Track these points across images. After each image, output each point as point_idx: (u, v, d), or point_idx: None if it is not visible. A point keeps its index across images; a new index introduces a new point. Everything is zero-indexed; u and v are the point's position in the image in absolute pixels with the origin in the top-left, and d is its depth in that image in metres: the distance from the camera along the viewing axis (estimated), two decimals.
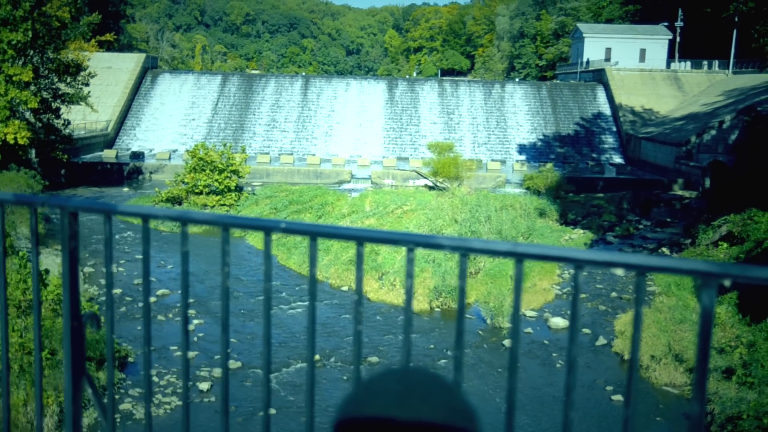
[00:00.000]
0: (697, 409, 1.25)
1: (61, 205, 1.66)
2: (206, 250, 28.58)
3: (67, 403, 1.71)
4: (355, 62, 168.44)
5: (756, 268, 1.17)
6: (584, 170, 51.69)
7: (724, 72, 61.64)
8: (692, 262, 1.22)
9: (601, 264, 1.26)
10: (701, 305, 1.22)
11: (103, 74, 56.60)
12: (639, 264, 1.25)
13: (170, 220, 1.56)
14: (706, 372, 1.23)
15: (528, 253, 1.30)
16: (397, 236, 1.42)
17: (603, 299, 25.78)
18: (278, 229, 1.47)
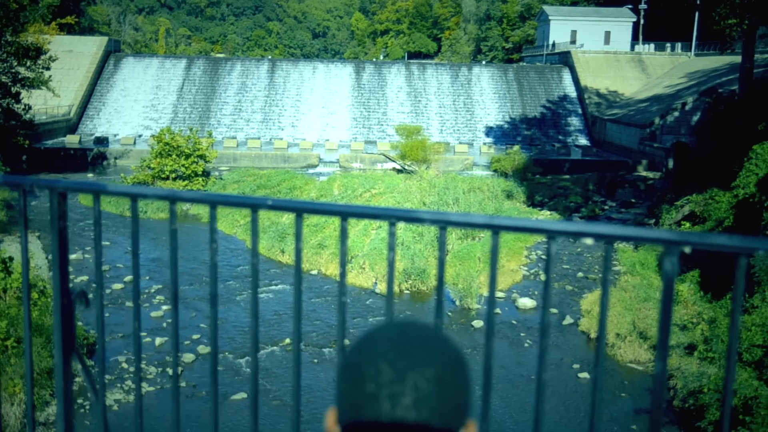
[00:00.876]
0: (660, 367, 1.34)
1: (50, 186, 1.70)
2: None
3: (58, 378, 1.76)
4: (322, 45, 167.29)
5: (713, 235, 1.27)
6: (551, 152, 52.21)
7: (687, 54, 62.56)
8: (656, 231, 1.31)
9: (572, 234, 1.34)
10: (664, 271, 1.31)
11: (65, 58, 55.51)
12: (607, 233, 1.34)
13: (158, 199, 1.61)
14: (668, 332, 1.33)
15: (504, 225, 1.38)
16: (379, 211, 1.49)
17: (570, 279, 26.20)
18: (265, 206, 1.54)
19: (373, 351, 0.95)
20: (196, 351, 18.87)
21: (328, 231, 28.94)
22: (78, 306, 1.79)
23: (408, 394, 0.92)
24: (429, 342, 0.95)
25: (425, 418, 0.92)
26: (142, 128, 56.38)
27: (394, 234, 1.48)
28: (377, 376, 0.93)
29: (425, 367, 0.94)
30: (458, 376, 0.95)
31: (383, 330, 0.96)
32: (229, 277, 25.00)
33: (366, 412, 0.93)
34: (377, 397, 0.92)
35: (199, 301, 22.42)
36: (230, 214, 32.65)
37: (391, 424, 0.92)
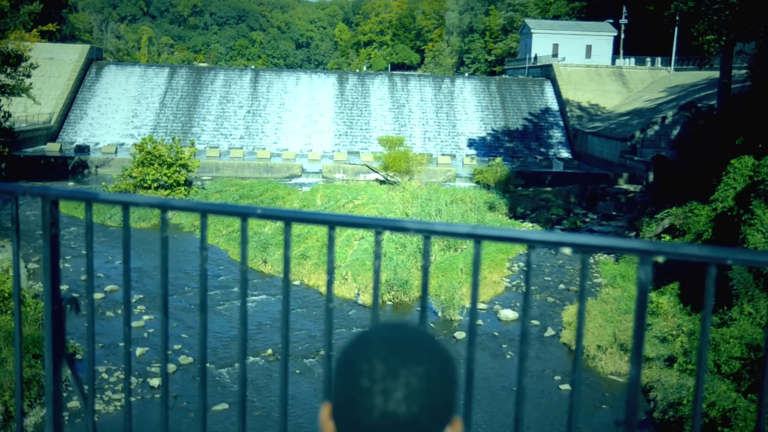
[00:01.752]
0: (635, 372, 1.40)
1: (42, 194, 1.74)
2: (154, 245, 28.23)
3: (48, 383, 1.79)
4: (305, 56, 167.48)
5: (685, 246, 1.33)
6: (533, 164, 52.57)
7: (667, 69, 63.35)
8: (630, 242, 1.37)
9: (551, 244, 1.40)
10: (638, 279, 1.37)
11: (46, 65, 55.17)
12: (584, 243, 1.39)
13: (150, 207, 1.65)
14: (642, 339, 1.39)
15: (486, 234, 1.44)
16: (365, 220, 1.54)
17: (551, 291, 26.34)
18: (255, 215, 1.58)
19: (367, 349, 1.00)
20: (178, 361, 18.75)
21: (311, 241, 28.94)
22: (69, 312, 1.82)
23: (399, 390, 0.97)
24: (420, 342, 1.00)
25: (415, 412, 0.97)
26: (123, 137, 56.09)
27: (380, 243, 1.53)
28: (371, 372, 0.98)
29: (416, 365, 0.99)
30: (447, 374, 1.01)
31: (377, 329, 1.02)
32: (212, 286, 24.88)
33: (359, 406, 0.98)
34: (370, 392, 0.98)
35: (181, 311, 22.29)
36: (212, 223, 32.54)
37: (382, 417, 0.97)
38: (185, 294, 23.86)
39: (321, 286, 25.28)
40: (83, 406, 1.89)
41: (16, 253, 1.83)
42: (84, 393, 1.86)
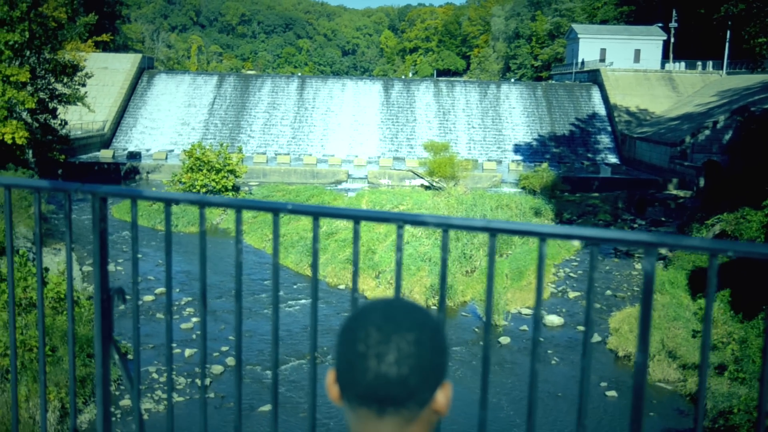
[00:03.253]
0: (641, 358, 1.47)
1: (92, 191, 1.88)
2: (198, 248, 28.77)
3: (98, 366, 1.93)
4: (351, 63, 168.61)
5: (686, 238, 1.40)
6: (579, 170, 51.99)
7: (718, 72, 62.02)
8: (636, 234, 1.44)
9: (561, 237, 1.48)
10: (643, 269, 1.44)
11: (100, 75, 56.74)
12: (592, 236, 1.47)
13: (190, 203, 1.78)
14: (648, 326, 1.46)
15: (499, 228, 1.53)
16: (388, 215, 1.64)
17: (598, 297, 26.04)
18: (285, 210, 1.70)
19: (364, 318, 1.12)
20: (225, 363, 19.09)
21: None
22: (116, 302, 1.96)
23: (391, 354, 1.08)
24: (412, 313, 1.11)
25: (405, 374, 1.08)
26: (173, 143, 57.31)
27: (402, 236, 1.62)
28: (367, 338, 1.10)
29: (407, 332, 1.10)
30: (435, 341, 1.11)
31: (375, 303, 1.13)
32: (258, 290, 25.28)
33: (356, 368, 1.10)
34: (366, 356, 1.09)
35: (228, 314, 22.69)
36: (259, 228, 33.04)
37: (376, 378, 1.08)
38: (233, 297, 24.27)
39: (366, 290, 25.44)
40: (129, 390, 2.02)
41: (69, 248, 1.98)
42: (130, 376, 2.00)
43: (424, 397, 1.11)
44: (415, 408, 1.11)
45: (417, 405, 1.11)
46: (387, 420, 1.10)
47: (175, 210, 36.11)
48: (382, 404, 1.10)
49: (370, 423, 1.11)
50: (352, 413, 1.14)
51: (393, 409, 1.10)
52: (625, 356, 20.48)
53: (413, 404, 1.10)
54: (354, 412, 1.13)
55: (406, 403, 1.10)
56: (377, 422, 1.10)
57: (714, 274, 1.41)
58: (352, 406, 1.13)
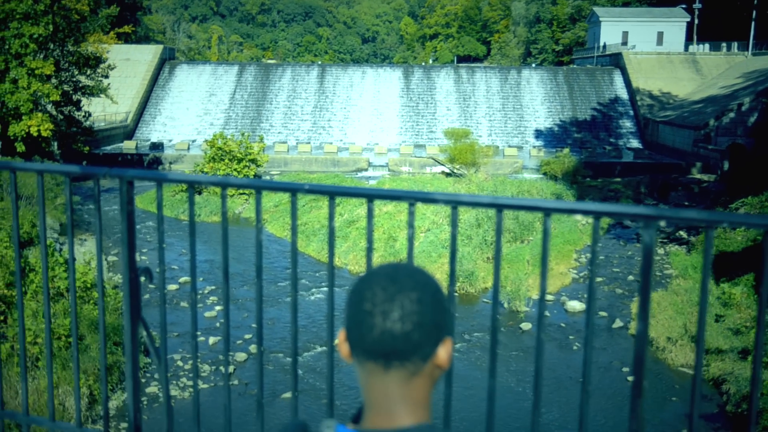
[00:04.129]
0: (642, 327, 1.55)
1: (119, 175, 1.98)
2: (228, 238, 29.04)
3: (127, 342, 2.04)
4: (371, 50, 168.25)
5: (684, 210, 1.47)
6: (601, 155, 51.62)
7: (743, 54, 61.08)
8: (635, 207, 1.51)
9: (564, 211, 1.55)
10: (643, 242, 1.51)
11: (122, 66, 57.22)
12: (594, 210, 1.54)
13: (212, 185, 1.87)
14: (648, 297, 1.53)
15: (506, 204, 1.60)
16: (400, 193, 1.73)
17: (620, 282, 25.94)
18: (303, 190, 1.78)
19: (371, 280, 1.22)
20: (248, 350, 19.34)
21: (376, 234, 29.24)
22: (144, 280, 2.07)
23: (396, 311, 1.18)
24: (415, 275, 1.21)
25: (408, 330, 1.18)
26: (195, 134, 57.72)
27: (413, 213, 1.71)
28: (373, 297, 1.20)
29: (410, 292, 1.20)
30: (436, 300, 1.21)
31: (381, 267, 1.24)
32: (281, 278, 25.49)
33: (364, 325, 1.20)
34: (372, 314, 1.19)
35: (251, 302, 22.94)
36: (281, 216, 33.26)
37: (382, 334, 1.18)
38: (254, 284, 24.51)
39: None
40: (157, 365, 2.12)
41: (99, 231, 2.08)
42: (158, 353, 2.11)
43: (427, 352, 1.21)
44: (418, 362, 1.21)
45: (420, 359, 1.21)
46: (393, 373, 1.20)
47: (198, 200, 36.45)
48: (388, 358, 1.19)
49: (378, 376, 1.21)
50: (361, 368, 1.24)
51: (398, 363, 1.20)
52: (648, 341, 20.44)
53: (417, 358, 1.20)
54: (363, 367, 1.23)
55: (410, 356, 1.19)
56: (384, 375, 1.20)
57: (710, 245, 1.47)
58: (360, 361, 1.23)
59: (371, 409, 1.22)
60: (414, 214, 1.70)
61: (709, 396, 17.29)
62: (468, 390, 16.64)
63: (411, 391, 1.21)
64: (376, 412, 1.21)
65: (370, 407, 1.23)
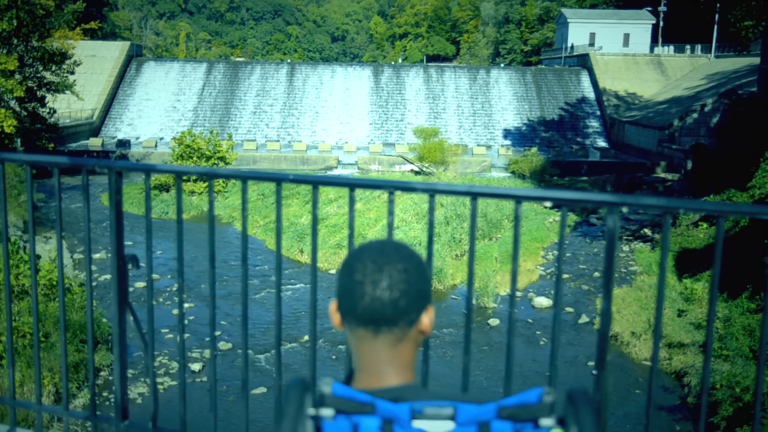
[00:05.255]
0: (605, 305, 1.67)
1: (108, 166, 2.05)
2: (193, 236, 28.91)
3: (114, 326, 2.11)
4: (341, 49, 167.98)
5: (645, 197, 1.59)
6: (569, 154, 52.28)
7: (707, 56, 62.30)
8: (600, 195, 1.63)
9: (534, 199, 1.67)
10: (607, 227, 1.63)
11: (88, 62, 56.44)
12: (562, 198, 1.66)
13: (199, 175, 1.95)
14: (611, 276, 1.65)
15: (480, 192, 1.71)
16: (380, 182, 1.83)
17: (586, 279, 26.36)
18: (287, 180, 1.88)
19: (361, 254, 1.34)
20: (218, 347, 19.29)
21: (346, 232, 29.32)
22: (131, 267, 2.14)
23: (384, 281, 1.30)
24: (400, 249, 1.33)
25: (396, 297, 1.30)
26: (163, 131, 57.19)
27: (393, 201, 1.81)
28: (363, 269, 1.32)
29: (397, 263, 1.32)
30: (420, 271, 1.33)
31: (369, 243, 1.35)
32: (250, 275, 25.39)
33: (355, 294, 1.32)
34: (362, 283, 1.31)
35: (220, 299, 22.86)
36: (250, 214, 33.15)
37: (372, 301, 1.30)
38: (224, 282, 24.44)
39: None
40: (143, 350, 2.20)
41: (87, 218, 2.15)
42: (144, 337, 2.18)
43: (412, 318, 1.33)
44: (404, 327, 1.33)
45: (406, 324, 1.33)
46: (381, 338, 1.32)
47: (166, 198, 36.18)
48: (378, 324, 1.31)
49: (368, 341, 1.33)
50: (351, 335, 1.35)
51: (386, 328, 1.31)
52: (612, 336, 20.77)
53: (403, 323, 1.32)
54: (353, 333, 1.35)
55: (397, 322, 1.31)
56: (373, 340, 1.32)
57: (667, 231, 1.59)
58: (351, 328, 1.35)
59: (361, 371, 1.34)
60: (393, 202, 1.81)
61: (671, 388, 17.70)
62: (438, 386, 16.80)
63: (398, 354, 1.33)
64: (366, 374, 1.33)
65: (360, 370, 1.34)
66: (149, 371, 2.21)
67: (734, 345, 16.60)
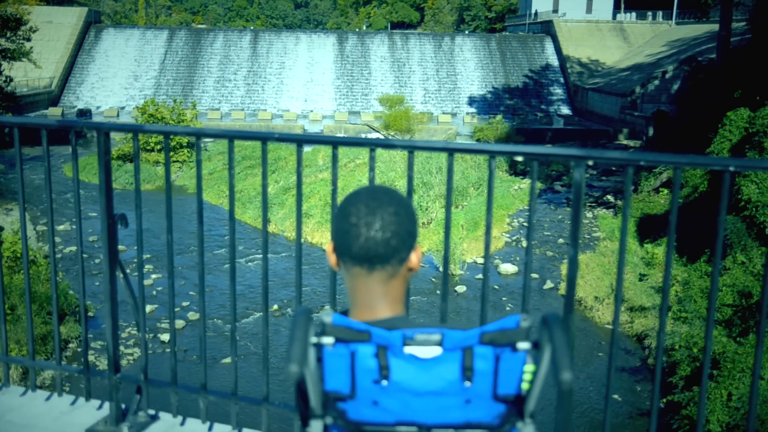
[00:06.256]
0: (573, 252, 1.80)
1: (97, 127, 2.12)
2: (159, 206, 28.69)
3: (105, 283, 2.20)
4: (304, 16, 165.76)
5: (609, 151, 1.72)
6: (533, 121, 52.68)
7: (668, 23, 62.95)
8: (567, 149, 1.76)
9: (507, 153, 1.79)
10: (573, 180, 1.76)
11: (45, 29, 55.02)
12: (532, 152, 1.78)
13: (187, 135, 2.03)
14: (578, 225, 1.78)
15: (457, 147, 1.83)
16: (362, 141, 1.93)
17: (551, 245, 26.80)
18: (272, 138, 1.97)
19: (355, 199, 1.46)
20: (186, 317, 19.32)
21: (313, 200, 29.35)
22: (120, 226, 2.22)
23: (377, 222, 1.43)
24: (391, 193, 1.46)
25: (387, 237, 1.43)
26: (125, 100, 56.21)
27: (374, 158, 1.91)
28: (357, 212, 1.44)
29: (388, 206, 1.45)
30: (409, 213, 1.46)
31: (362, 188, 1.47)
32: (218, 246, 25.38)
33: (351, 235, 1.44)
34: (357, 225, 1.43)
35: (187, 269, 22.82)
36: (216, 184, 32.94)
37: (366, 241, 1.43)
38: (191, 253, 24.36)
39: (324, 244, 25.74)
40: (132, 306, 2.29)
41: (75, 179, 2.22)
42: (133, 293, 2.27)
43: (402, 256, 1.46)
44: (396, 264, 1.46)
45: (397, 262, 1.46)
46: (375, 275, 1.45)
47: (129, 168, 35.70)
48: (371, 262, 1.44)
49: (362, 278, 1.46)
50: (347, 273, 1.48)
51: (380, 266, 1.44)
52: (577, 300, 21.25)
53: (394, 261, 1.45)
54: (349, 272, 1.47)
55: (389, 260, 1.44)
56: (367, 277, 1.45)
57: (629, 181, 1.72)
58: (347, 267, 1.47)
59: (357, 306, 1.47)
60: (375, 159, 1.91)
61: (632, 351, 18.23)
62: None
63: (390, 290, 1.46)
64: (361, 308, 1.46)
65: (356, 305, 1.48)
66: (140, 326, 2.31)
67: (692, 307, 17.12)
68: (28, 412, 2.24)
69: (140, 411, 2.28)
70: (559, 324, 1.27)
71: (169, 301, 2.25)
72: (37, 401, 2.32)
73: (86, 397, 2.31)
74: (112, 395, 2.23)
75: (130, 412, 2.21)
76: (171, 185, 2.07)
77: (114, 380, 2.28)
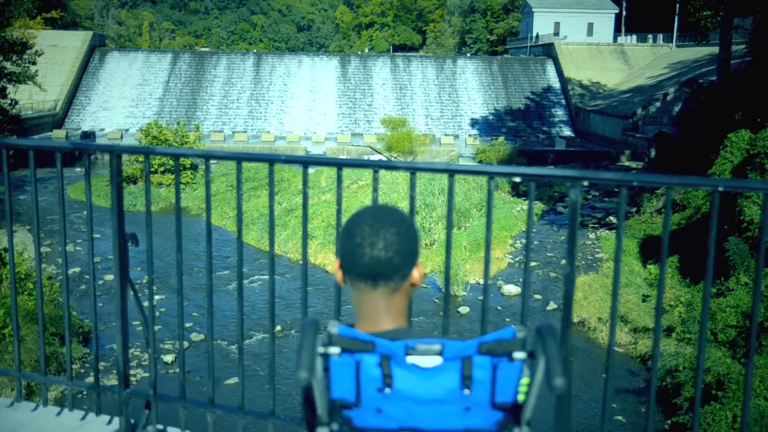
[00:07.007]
0: (569, 270, 1.86)
1: (110, 150, 2.20)
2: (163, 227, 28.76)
3: (116, 299, 2.26)
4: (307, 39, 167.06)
5: (603, 172, 1.79)
6: (535, 143, 52.88)
7: (668, 45, 63.36)
8: (564, 171, 1.83)
9: (505, 175, 1.86)
10: (570, 200, 1.83)
11: (50, 53, 55.51)
12: (529, 173, 1.85)
13: (197, 157, 2.11)
14: (574, 243, 1.85)
15: (457, 169, 1.90)
16: (365, 162, 2.00)
17: (553, 266, 26.80)
18: (279, 160, 2.04)
19: (360, 219, 1.55)
20: (190, 338, 19.32)
21: (316, 222, 29.42)
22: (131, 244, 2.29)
23: (380, 242, 1.51)
24: (393, 213, 1.53)
25: (390, 256, 1.51)
26: (128, 123, 56.55)
27: (377, 179, 1.98)
28: (362, 232, 1.52)
29: (390, 227, 1.53)
30: (410, 233, 1.53)
31: (365, 208, 1.54)
32: (220, 267, 25.43)
33: (356, 254, 1.52)
34: (362, 245, 1.51)
35: (191, 291, 22.85)
36: (219, 206, 33.04)
37: (370, 260, 1.51)
38: (195, 275, 24.40)
39: (327, 265, 25.78)
40: (142, 322, 2.35)
41: (88, 200, 2.29)
42: (143, 310, 2.33)
43: (405, 273, 1.54)
44: (398, 281, 1.54)
45: (400, 278, 1.54)
46: (379, 290, 1.53)
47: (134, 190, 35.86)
48: (376, 279, 1.52)
49: (367, 293, 1.54)
50: (353, 288, 1.56)
51: (383, 282, 1.52)
52: (579, 322, 21.22)
53: (397, 278, 1.53)
54: (355, 287, 1.55)
55: (393, 276, 1.52)
56: (372, 292, 1.53)
57: (624, 202, 1.79)
58: (353, 282, 1.55)
59: (362, 319, 1.55)
60: (378, 179, 1.98)
61: (636, 372, 18.17)
62: None
63: (393, 303, 1.54)
64: (366, 321, 1.54)
65: (361, 318, 1.56)
66: (149, 343, 2.37)
67: (696, 329, 17.10)
68: (39, 427, 2.29)
69: (149, 426, 2.33)
70: (552, 334, 1.34)
71: (179, 318, 2.31)
72: (49, 416, 2.37)
73: (96, 413, 2.37)
74: (122, 410, 2.28)
75: (140, 427, 2.26)
76: (179, 206, 2.14)
77: (124, 395, 2.34)
